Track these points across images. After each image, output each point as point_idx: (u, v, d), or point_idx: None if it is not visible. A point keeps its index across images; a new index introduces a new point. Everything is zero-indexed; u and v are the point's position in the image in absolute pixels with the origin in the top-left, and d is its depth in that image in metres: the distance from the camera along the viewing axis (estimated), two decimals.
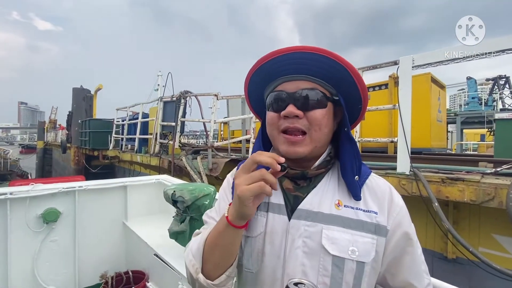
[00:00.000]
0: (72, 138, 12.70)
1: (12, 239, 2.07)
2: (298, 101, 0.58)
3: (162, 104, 5.57)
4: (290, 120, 0.58)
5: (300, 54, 0.56)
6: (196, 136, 20.19)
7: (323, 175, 0.63)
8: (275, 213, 0.62)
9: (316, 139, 0.59)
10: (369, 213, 0.59)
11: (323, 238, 0.57)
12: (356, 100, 0.62)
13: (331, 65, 0.57)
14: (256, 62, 0.61)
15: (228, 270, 0.60)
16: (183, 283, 1.68)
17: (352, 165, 0.61)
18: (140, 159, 6.27)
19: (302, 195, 0.62)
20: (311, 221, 0.59)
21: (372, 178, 0.64)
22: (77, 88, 13.74)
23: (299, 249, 0.58)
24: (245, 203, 0.52)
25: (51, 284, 2.22)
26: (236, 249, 0.60)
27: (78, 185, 2.42)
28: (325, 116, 0.59)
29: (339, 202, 0.60)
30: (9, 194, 2.04)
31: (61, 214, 2.30)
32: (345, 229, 0.57)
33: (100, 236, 2.53)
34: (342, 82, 0.59)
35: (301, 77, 0.59)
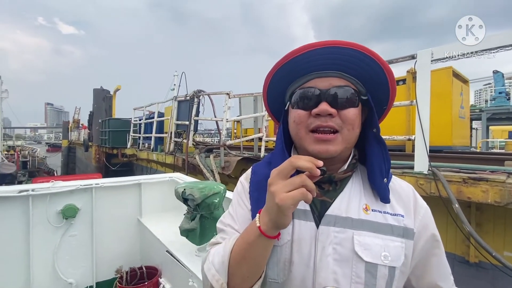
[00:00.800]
0: (93, 137, 13.27)
1: (34, 234, 2.18)
2: (331, 98, 0.55)
3: (176, 104, 5.68)
4: (323, 118, 0.55)
5: (334, 49, 0.54)
6: (211, 134, 20.46)
7: (348, 178, 0.61)
8: (301, 220, 0.58)
9: (348, 139, 0.56)
10: (396, 216, 0.58)
11: (355, 244, 0.55)
12: (383, 100, 0.61)
13: (367, 63, 0.55)
14: (286, 56, 0.57)
15: (257, 283, 0.55)
16: (193, 280, 1.69)
17: (382, 167, 0.58)
18: (156, 157, 6.43)
19: (329, 200, 0.59)
20: (340, 227, 0.56)
21: (395, 180, 0.63)
22: (97, 89, 14.31)
23: (330, 257, 0.55)
24: (286, 212, 0.47)
25: (70, 277, 2.32)
26: (265, 261, 0.56)
27: (95, 183, 2.51)
28: (357, 115, 0.57)
29: (366, 206, 0.58)
30: (31, 191, 2.15)
31: (79, 210, 2.39)
32: (376, 234, 0.56)
33: (115, 232, 2.61)
34: (373, 81, 0.57)
35: (334, 73, 0.56)
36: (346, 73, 0.57)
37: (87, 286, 2.44)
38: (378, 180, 0.58)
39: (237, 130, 8.89)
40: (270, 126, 4.53)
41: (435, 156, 3.03)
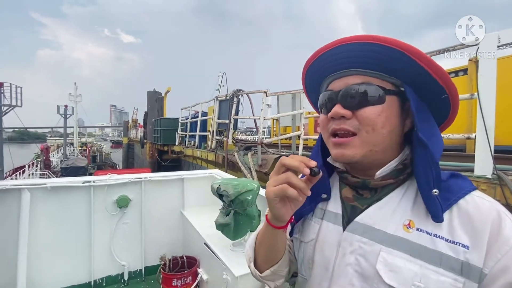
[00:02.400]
0: (147, 135, 14.61)
1: (95, 219, 2.51)
2: (345, 99, 0.51)
3: (217, 103, 5.92)
4: (337, 121, 0.52)
5: (345, 46, 0.50)
6: (252, 132, 20.80)
7: (392, 187, 0.53)
8: (329, 222, 0.58)
9: (370, 142, 0.50)
10: (454, 245, 0.45)
11: (379, 261, 0.48)
12: (435, 89, 0.50)
13: (385, 53, 0.48)
14: (305, 63, 0.57)
15: (273, 267, 0.62)
16: (227, 274, 1.76)
17: (428, 175, 0.48)
18: (200, 154, 6.81)
19: (360, 207, 0.55)
20: (368, 238, 0.51)
21: (472, 198, 0.48)
22: (151, 91, 15.70)
23: (350, 267, 0.52)
24: (272, 204, 0.52)
25: (123, 259, 2.62)
26: (279, 248, 0.61)
27: (144, 176, 2.77)
28: (381, 113, 0.49)
29: (410, 223, 0.49)
30: (92, 182, 2.48)
31: (131, 200, 2.67)
32: (412, 257, 0.46)
33: (161, 222, 2.85)
34: (405, 70, 0.49)
35: (350, 71, 0.52)
36: (368, 68, 0.51)
37: (137, 269, 2.72)
38: (425, 191, 0.48)
39: (276, 128, 8.90)
40: (309, 124, 4.41)
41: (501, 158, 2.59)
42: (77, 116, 28.11)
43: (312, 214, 0.61)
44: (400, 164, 0.53)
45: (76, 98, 27.76)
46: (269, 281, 0.65)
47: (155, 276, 2.60)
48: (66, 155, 22.54)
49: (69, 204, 2.42)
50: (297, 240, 0.64)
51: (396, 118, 0.51)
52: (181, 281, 2.30)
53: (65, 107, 26.18)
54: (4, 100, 12.29)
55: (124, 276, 2.63)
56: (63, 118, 26.03)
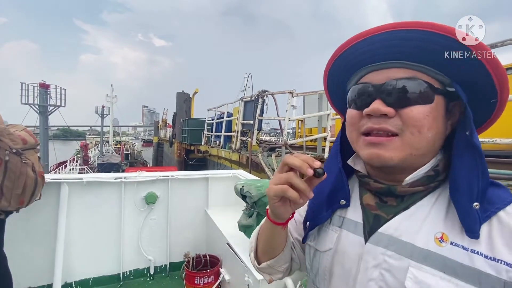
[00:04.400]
0: (176, 134, 15.18)
1: (125, 214, 2.63)
2: (388, 95, 0.45)
3: (243, 104, 5.96)
4: (375, 119, 0.46)
5: (391, 34, 0.44)
6: (277, 133, 20.71)
7: (422, 194, 0.48)
8: (349, 231, 0.53)
9: (412, 145, 0.44)
10: (495, 262, 0.39)
11: (408, 278, 0.43)
12: (486, 91, 0.44)
13: (441, 43, 0.41)
14: (336, 50, 0.51)
15: (270, 261, 0.61)
16: (249, 276, 1.73)
17: (471, 185, 0.42)
18: (224, 154, 6.91)
19: (385, 216, 0.49)
20: (394, 251, 0.45)
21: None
22: (179, 93, 16.30)
23: (373, 282, 0.46)
24: (271, 201, 0.50)
25: (150, 254, 2.71)
26: (277, 244, 0.60)
27: (171, 175, 2.85)
28: (429, 114, 0.44)
29: (443, 236, 0.43)
30: (123, 178, 2.60)
31: (158, 197, 2.76)
32: (446, 275, 0.41)
33: (186, 219, 2.91)
34: (461, 66, 0.43)
35: (394, 63, 0.46)
36: (416, 61, 0.44)
37: (163, 264, 2.80)
38: (463, 202, 0.42)
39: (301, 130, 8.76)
40: (336, 125, 4.27)
41: None
42: (112, 116, 30.07)
43: (329, 221, 0.57)
44: (432, 170, 0.48)
45: (112, 99, 29.72)
46: (265, 274, 0.65)
47: (179, 272, 2.66)
48: (102, 152, 24.20)
49: (102, 198, 2.56)
50: (311, 248, 0.59)
51: (442, 120, 0.46)
52: (203, 279, 2.32)
53: (103, 108, 28.16)
54: (50, 100, 13.50)
55: (150, 270, 2.72)
56: (100, 118, 28.02)
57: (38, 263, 2.28)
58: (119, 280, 2.60)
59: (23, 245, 2.26)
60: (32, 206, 2.29)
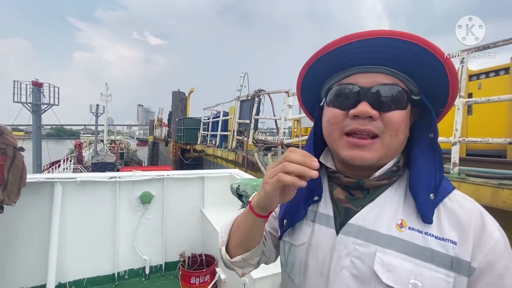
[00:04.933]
0: (171, 133, 15.08)
1: (120, 214, 2.61)
2: (374, 98, 0.48)
3: (239, 103, 5.95)
4: (361, 121, 0.48)
5: (382, 40, 0.46)
6: (273, 133, 20.74)
7: (385, 187, 0.53)
8: (322, 225, 0.56)
9: (389, 146, 0.50)
10: (443, 241, 0.46)
11: (376, 262, 0.48)
12: (441, 102, 0.52)
13: (422, 57, 0.46)
14: (324, 47, 0.51)
15: (245, 254, 0.60)
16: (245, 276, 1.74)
17: (430, 180, 0.49)
18: (220, 154, 6.89)
19: (354, 209, 0.54)
20: (363, 239, 0.50)
21: (454, 197, 0.50)
22: (175, 92, 16.20)
23: (346, 270, 0.51)
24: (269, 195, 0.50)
25: (145, 254, 2.70)
26: (256, 236, 0.60)
27: (166, 174, 2.84)
28: (404, 119, 0.49)
29: (402, 222, 0.49)
30: (118, 178, 2.58)
31: (153, 197, 2.75)
32: (407, 256, 0.47)
33: (182, 219, 2.90)
34: (430, 79, 0.49)
35: (380, 69, 0.49)
36: (397, 69, 0.49)
37: (158, 264, 2.79)
38: (422, 194, 0.48)
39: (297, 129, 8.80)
40: None
41: None
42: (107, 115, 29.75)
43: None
44: (395, 165, 0.53)
45: (107, 97, 29.40)
46: (237, 267, 0.64)
47: (175, 272, 2.65)
48: (96, 151, 23.92)
49: (97, 198, 2.53)
50: (286, 243, 0.61)
51: (409, 124, 0.52)
52: (199, 279, 2.32)
53: (97, 106, 27.81)
54: (43, 99, 13.29)
55: (145, 270, 2.71)
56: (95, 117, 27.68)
57: (31, 263, 2.25)
58: (114, 280, 2.58)
59: (16, 245, 2.23)
60: (25, 205, 2.26)
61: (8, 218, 2.20)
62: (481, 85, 3.75)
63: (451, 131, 2.40)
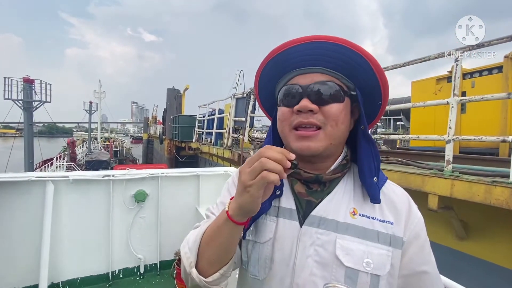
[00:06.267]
0: (166, 131, 14.96)
1: (114, 213, 2.58)
2: (312, 94, 0.55)
3: (234, 101, 5.92)
4: (304, 115, 0.55)
5: (314, 44, 0.53)
6: None
7: (338, 179, 0.60)
8: (285, 219, 0.59)
9: (332, 135, 0.56)
10: (384, 223, 0.56)
11: (337, 248, 0.54)
12: (377, 96, 0.59)
13: (349, 56, 0.54)
14: (268, 54, 0.58)
15: (222, 268, 0.55)
16: None
17: (371, 166, 0.57)
18: (216, 152, 6.86)
19: (315, 201, 0.59)
20: (324, 229, 0.56)
21: (389, 185, 0.61)
22: (170, 89, 16.04)
23: (310, 258, 0.55)
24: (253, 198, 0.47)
25: (140, 253, 2.67)
26: (233, 247, 0.56)
27: (161, 172, 2.81)
28: (342, 111, 0.56)
29: (354, 210, 0.57)
30: (112, 176, 2.55)
31: (148, 195, 2.72)
32: (360, 239, 0.55)
33: (176, 217, 2.88)
34: (361, 75, 0.56)
35: (316, 69, 0.56)
36: (331, 68, 0.56)
37: (153, 263, 2.77)
38: (368, 179, 0.57)
39: None
40: None
41: None
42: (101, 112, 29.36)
43: (265, 213, 0.60)
44: (344, 159, 0.61)
45: (100, 95, 28.99)
46: (214, 286, 0.56)
47: (170, 271, 2.64)
48: (90, 149, 23.63)
49: (90, 196, 2.49)
50: (250, 241, 0.60)
51: (348, 116, 0.59)
52: None
53: (90, 104, 27.43)
54: (35, 96, 13.05)
55: (140, 269, 2.68)
56: (88, 114, 27.30)
57: (23, 263, 2.21)
58: (108, 279, 2.55)
59: (7, 245, 2.18)
60: (17, 204, 2.22)
61: None
62: (475, 83, 3.79)
63: (445, 129, 2.42)
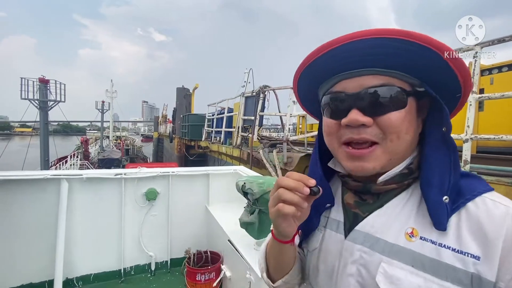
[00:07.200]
0: (176, 130, 15.12)
1: (126, 211, 2.62)
2: (364, 103, 0.45)
3: (244, 99, 5.91)
4: (355, 130, 0.46)
5: (359, 43, 0.43)
6: (277, 129, 20.66)
7: (396, 192, 0.49)
8: (332, 230, 0.55)
9: (393, 151, 0.46)
10: (462, 255, 0.40)
11: (379, 273, 0.45)
12: (452, 88, 0.46)
13: (408, 49, 0.42)
14: (306, 58, 0.49)
15: (284, 277, 0.59)
16: (250, 273, 1.72)
17: (443, 179, 0.43)
18: (225, 150, 6.88)
19: (362, 214, 0.51)
20: (369, 247, 0.48)
21: (483, 201, 0.42)
22: (179, 88, 16.19)
23: (352, 277, 0.49)
24: (276, 224, 0.50)
25: (151, 250, 2.71)
26: (288, 261, 0.58)
27: (172, 171, 2.84)
28: (405, 118, 0.45)
29: (413, 231, 0.44)
30: (123, 174, 2.59)
31: (158, 194, 2.75)
32: (415, 269, 0.42)
33: (187, 216, 2.90)
34: (428, 68, 0.44)
35: (366, 71, 0.46)
36: (386, 67, 0.45)
37: (163, 260, 2.80)
38: (434, 195, 0.43)
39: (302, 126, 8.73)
40: None
41: None
42: (112, 111, 29.97)
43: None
44: (406, 168, 0.48)
45: (112, 94, 29.59)
46: None
47: (180, 268, 2.66)
48: (102, 147, 24.19)
49: (103, 194, 2.54)
50: (305, 249, 0.63)
51: (414, 120, 0.47)
52: (204, 276, 2.32)
53: (102, 103, 28.05)
54: (50, 96, 13.43)
55: (151, 266, 2.72)
56: (101, 113, 27.94)
57: (39, 259, 2.28)
58: (120, 276, 2.60)
59: (24, 241, 2.25)
60: (33, 201, 2.28)
61: (16, 214, 2.22)
62: (494, 80, 3.65)
63: (460, 128, 2.34)
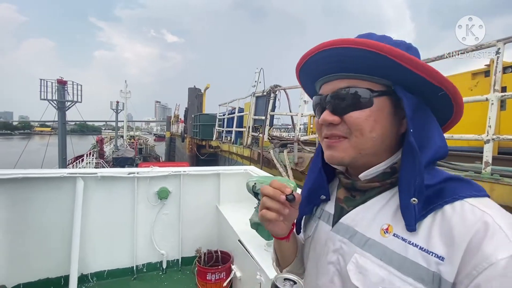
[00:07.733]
0: (187, 129, 15.32)
1: (138, 209, 2.66)
2: (332, 104, 0.51)
3: (254, 99, 5.90)
4: (327, 127, 0.52)
5: (327, 51, 0.48)
6: (288, 129, 20.55)
7: (379, 190, 0.52)
8: (324, 221, 0.61)
9: (359, 145, 0.49)
10: (427, 254, 0.41)
11: (350, 262, 0.50)
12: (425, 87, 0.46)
13: (368, 57, 0.45)
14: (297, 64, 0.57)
15: (288, 267, 0.68)
16: (261, 274, 1.71)
17: (410, 182, 0.44)
18: (236, 150, 6.89)
19: (346, 208, 0.56)
20: (348, 239, 0.53)
21: (462, 205, 0.41)
22: (191, 88, 16.39)
23: (332, 265, 0.54)
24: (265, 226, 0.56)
25: (162, 248, 2.74)
26: (288, 253, 0.67)
27: (183, 170, 2.86)
28: (369, 117, 0.48)
29: (388, 227, 0.47)
30: (136, 173, 2.63)
31: (170, 193, 2.78)
32: (383, 263, 0.45)
33: (197, 215, 2.92)
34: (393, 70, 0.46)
35: (337, 76, 0.51)
36: (352, 71, 0.49)
37: (175, 258, 2.83)
38: (403, 198, 0.45)
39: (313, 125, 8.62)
40: None
41: None
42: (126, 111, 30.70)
43: (314, 213, 0.65)
44: (389, 167, 0.51)
45: (126, 94, 30.31)
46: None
47: (191, 267, 2.68)
48: (117, 147, 24.83)
49: (116, 193, 2.60)
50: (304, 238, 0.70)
51: (387, 120, 0.49)
52: (215, 275, 2.32)
53: (117, 103, 28.78)
54: (67, 96, 13.90)
55: (162, 264, 2.76)
56: (115, 113, 28.68)
57: (55, 255, 2.35)
58: (132, 273, 2.65)
59: (41, 237, 2.32)
60: (50, 199, 2.35)
61: (34, 211, 2.30)
62: None
63: (481, 128, 2.23)
